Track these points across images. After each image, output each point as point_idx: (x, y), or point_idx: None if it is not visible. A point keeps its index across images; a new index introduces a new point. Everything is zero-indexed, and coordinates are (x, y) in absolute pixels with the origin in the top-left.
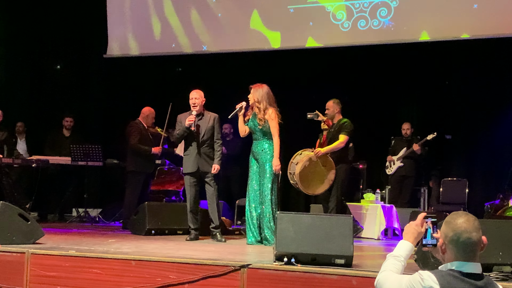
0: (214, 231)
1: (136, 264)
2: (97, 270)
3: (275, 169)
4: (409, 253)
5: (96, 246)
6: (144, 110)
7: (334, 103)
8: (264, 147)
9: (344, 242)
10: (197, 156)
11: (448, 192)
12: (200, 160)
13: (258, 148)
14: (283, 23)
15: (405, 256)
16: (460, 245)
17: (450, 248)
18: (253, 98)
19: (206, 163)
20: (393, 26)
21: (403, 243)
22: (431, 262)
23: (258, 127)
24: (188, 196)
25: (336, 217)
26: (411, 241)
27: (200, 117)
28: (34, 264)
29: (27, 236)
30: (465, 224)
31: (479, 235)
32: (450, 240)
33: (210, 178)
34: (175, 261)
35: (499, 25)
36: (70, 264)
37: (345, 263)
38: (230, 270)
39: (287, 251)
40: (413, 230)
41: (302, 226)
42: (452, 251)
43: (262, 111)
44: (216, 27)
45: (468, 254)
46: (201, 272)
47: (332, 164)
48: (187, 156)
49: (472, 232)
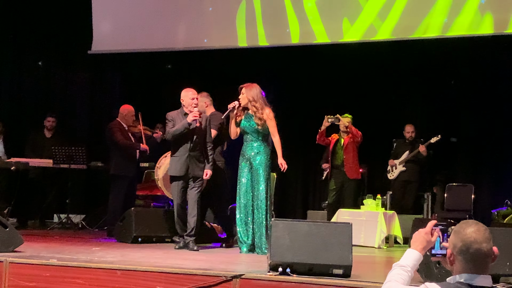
0: (187, 239)
1: (121, 274)
2: (80, 280)
3: (284, 168)
4: (416, 263)
5: (79, 255)
6: (122, 109)
7: (203, 97)
8: (259, 150)
9: (343, 251)
10: (187, 159)
11: (453, 198)
12: (191, 164)
13: (252, 150)
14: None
15: (412, 266)
16: (470, 256)
17: (459, 260)
18: (247, 98)
19: (196, 167)
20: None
21: (411, 252)
22: (435, 272)
23: (256, 127)
24: (176, 202)
25: (335, 225)
26: (419, 250)
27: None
28: (13, 274)
29: (5, 243)
30: (475, 234)
31: (490, 245)
32: (459, 251)
33: (198, 183)
34: (163, 271)
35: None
36: (51, 273)
37: (343, 273)
38: (221, 281)
39: (282, 261)
40: (422, 238)
41: (299, 234)
42: (461, 263)
43: (260, 111)
44: (208, 22)
45: (478, 266)
46: (191, 283)
47: None
48: (175, 158)
49: (482, 242)
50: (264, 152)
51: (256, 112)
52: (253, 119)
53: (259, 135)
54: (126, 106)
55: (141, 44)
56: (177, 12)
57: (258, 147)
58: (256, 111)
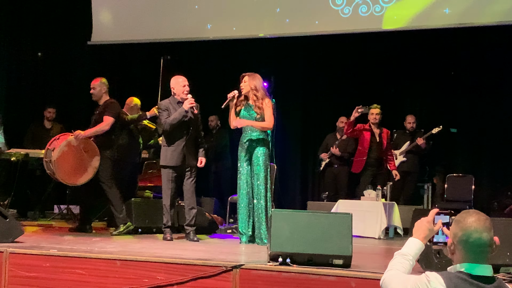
0: (188, 229)
1: (121, 264)
2: (80, 270)
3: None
4: (418, 251)
5: (79, 245)
6: (128, 101)
7: (100, 83)
8: (258, 140)
9: (343, 242)
10: (183, 149)
11: (453, 188)
12: (187, 154)
13: (252, 141)
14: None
15: (413, 255)
16: (470, 245)
17: (459, 249)
18: (249, 86)
19: (191, 157)
20: (396, 13)
21: (413, 240)
22: (435, 262)
23: (256, 117)
24: (168, 192)
25: (335, 215)
26: (421, 239)
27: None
28: (13, 264)
29: (5, 234)
30: (476, 223)
31: (491, 235)
32: (459, 240)
33: (194, 173)
34: (163, 261)
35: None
36: (51, 264)
37: (343, 263)
38: (221, 271)
39: (282, 251)
40: (424, 227)
41: (298, 225)
42: (461, 252)
43: (260, 100)
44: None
45: (478, 255)
46: (190, 273)
47: (95, 150)
48: (171, 147)
49: (482, 232)
50: (263, 143)
51: (256, 101)
52: (252, 108)
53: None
54: (132, 98)
55: (141, 35)
56: (177, 2)
57: (257, 137)
58: (256, 100)
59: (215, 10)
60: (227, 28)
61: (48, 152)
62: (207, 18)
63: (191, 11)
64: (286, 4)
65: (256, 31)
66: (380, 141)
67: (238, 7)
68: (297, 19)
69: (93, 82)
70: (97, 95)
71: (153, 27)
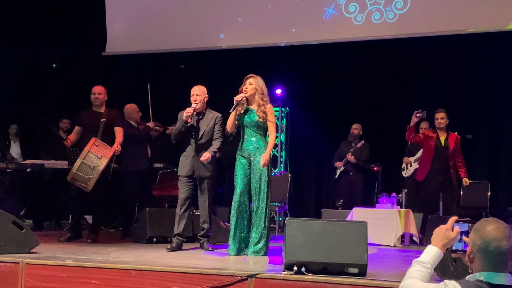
0: (201, 240)
1: (136, 274)
2: (95, 280)
3: (264, 163)
4: (437, 259)
5: (94, 255)
6: (125, 109)
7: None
8: (259, 145)
9: (358, 250)
10: (193, 158)
11: (469, 195)
12: (197, 164)
13: (252, 146)
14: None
15: (432, 263)
16: (489, 254)
17: (479, 257)
18: (255, 88)
19: (203, 167)
20: (409, 19)
21: (431, 248)
22: (451, 270)
23: (257, 120)
24: (180, 197)
25: (350, 223)
26: (439, 247)
27: (201, 116)
28: (29, 275)
29: (21, 245)
30: (495, 231)
31: (510, 243)
32: (478, 249)
33: (205, 185)
34: (178, 270)
35: None
36: (67, 274)
37: (358, 272)
38: (236, 280)
39: (297, 260)
40: (443, 235)
41: (313, 233)
42: (480, 261)
43: (266, 105)
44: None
45: (497, 264)
46: (205, 282)
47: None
48: (183, 157)
49: (502, 240)
50: (264, 148)
51: (261, 105)
52: (254, 112)
53: (259, 129)
54: (128, 105)
55: (155, 45)
56: (190, 12)
57: (258, 142)
58: (262, 104)
59: (228, 19)
60: (240, 37)
61: (93, 157)
62: (219, 27)
63: (204, 21)
64: (297, 13)
65: (269, 40)
66: (446, 146)
67: (250, 16)
68: (310, 27)
69: (100, 88)
70: (102, 102)
71: (166, 37)
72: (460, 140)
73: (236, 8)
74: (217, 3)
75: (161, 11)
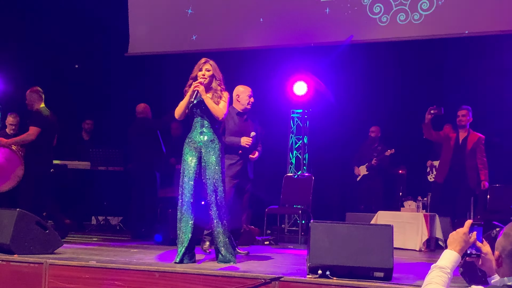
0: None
1: (160, 276)
2: (118, 282)
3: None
4: (455, 264)
5: (117, 257)
6: (138, 108)
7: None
8: (210, 136)
9: (384, 254)
10: None
11: (495, 199)
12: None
13: (202, 136)
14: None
15: (451, 268)
16: None
17: (507, 263)
18: (214, 74)
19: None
20: (435, 20)
21: (449, 252)
22: (479, 276)
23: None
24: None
25: (375, 227)
26: (457, 251)
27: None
28: (53, 276)
29: (45, 245)
30: None
31: None
32: (508, 254)
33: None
34: (201, 273)
35: None
36: (90, 275)
37: (384, 276)
38: (260, 283)
39: (322, 263)
40: (460, 238)
41: (338, 237)
42: (509, 265)
43: (220, 92)
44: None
45: None
46: (229, 285)
47: (18, 159)
48: None
49: None
50: (217, 139)
51: (216, 91)
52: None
53: (210, 118)
54: (141, 104)
55: (177, 46)
56: (212, 13)
57: (208, 132)
58: (218, 90)
59: (250, 20)
60: (263, 37)
61: None
62: (242, 28)
63: (225, 22)
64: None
65: (296, 41)
66: (463, 145)
67: (274, 17)
68: (335, 28)
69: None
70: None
71: (189, 38)
72: (483, 140)
73: (258, 9)
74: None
75: (183, 12)
